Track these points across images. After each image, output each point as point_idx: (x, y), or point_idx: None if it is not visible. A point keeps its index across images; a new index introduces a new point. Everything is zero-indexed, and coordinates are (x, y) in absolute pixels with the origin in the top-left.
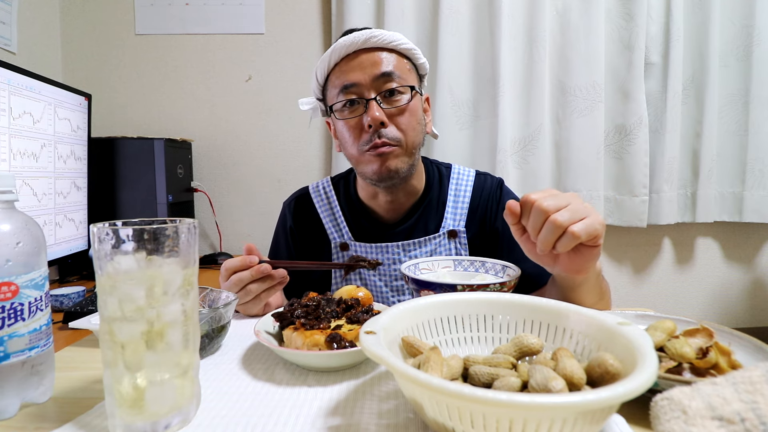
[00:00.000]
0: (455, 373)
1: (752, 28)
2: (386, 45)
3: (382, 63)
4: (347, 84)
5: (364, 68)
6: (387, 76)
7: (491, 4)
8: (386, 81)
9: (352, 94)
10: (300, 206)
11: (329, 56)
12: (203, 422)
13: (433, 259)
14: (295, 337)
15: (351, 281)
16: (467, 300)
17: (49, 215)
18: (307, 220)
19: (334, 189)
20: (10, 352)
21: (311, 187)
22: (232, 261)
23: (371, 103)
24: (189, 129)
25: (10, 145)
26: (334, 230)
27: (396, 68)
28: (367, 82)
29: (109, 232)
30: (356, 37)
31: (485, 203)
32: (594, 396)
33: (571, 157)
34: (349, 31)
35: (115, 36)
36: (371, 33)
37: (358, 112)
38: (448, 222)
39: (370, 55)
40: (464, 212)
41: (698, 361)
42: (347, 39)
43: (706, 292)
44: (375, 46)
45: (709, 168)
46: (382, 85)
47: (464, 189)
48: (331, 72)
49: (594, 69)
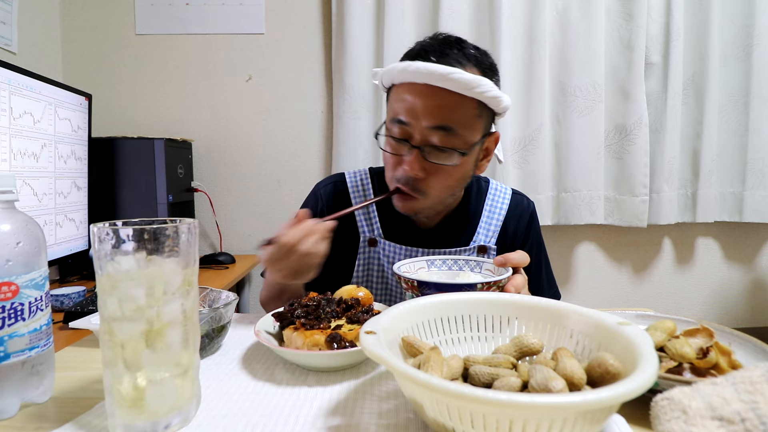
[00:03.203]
0: (455, 373)
1: (752, 28)
2: (463, 90)
3: (446, 112)
4: (401, 119)
5: (425, 110)
6: (444, 130)
7: (491, 4)
8: (440, 136)
9: (401, 132)
10: (336, 192)
11: (398, 72)
12: (203, 422)
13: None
14: (295, 337)
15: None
16: (467, 300)
17: (50, 215)
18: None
19: (371, 180)
20: (10, 352)
21: (348, 175)
22: (293, 233)
23: (415, 153)
24: (189, 129)
25: (10, 145)
26: (365, 224)
27: (459, 123)
28: (419, 128)
29: (109, 232)
30: (435, 70)
31: (516, 224)
32: (594, 396)
33: (571, 157)
34: (432, 42)
35: (116, 36)
36: (452, 73)
37: (401, 151)
38: (480, 237)
39: (439, 97)
40: (497, 229)
41: (698, 361)
42: (425, 67)
43: (706, 292)
44: (451, 88)
45: (710, 168)
46: (433, 137)
47: (500, 206)
48: (395, 85)
49: (594, 69)
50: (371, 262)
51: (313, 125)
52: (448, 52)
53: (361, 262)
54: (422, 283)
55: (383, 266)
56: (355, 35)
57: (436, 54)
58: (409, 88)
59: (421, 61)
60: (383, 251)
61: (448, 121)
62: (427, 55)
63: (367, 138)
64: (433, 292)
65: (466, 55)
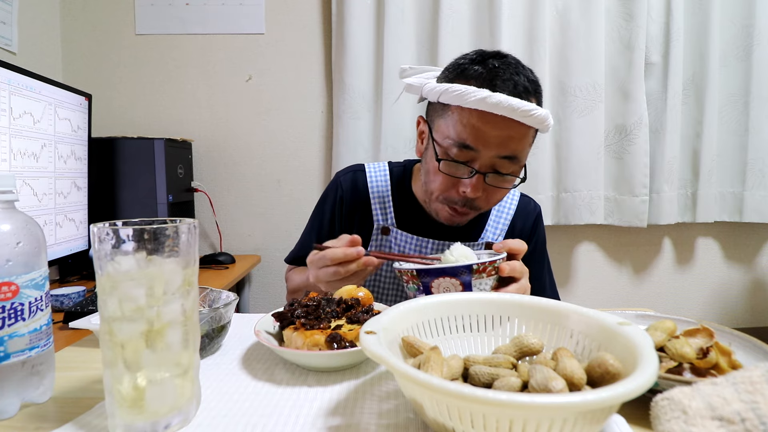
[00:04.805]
0: (455, 373)
1: (752, 28)
2: (536, 125)
3: (515, 144)
4: (468, 145)
5: (498, 142)
6: (511, 159)
7: (491, 4)
8: (506, 164)
9: (465, 156)
10: (355, 181)
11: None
12: (203, 422)
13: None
14: (295, 337)
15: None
16: (467, 300)
17: (50, 215)
18: (356, 196)
19: (389, 174)
20: (10, 352)
21: (368, 167)
22: (337, 252)
23: (478, 178)
24: (189, 129)
25: (10, 145)
26: (380, 212)
27: (521, 152)
28: (487, 156)
29: (109, 232)
30: (517, 107)
31: (523, 224)
32: (594, 396)
33: (571, 157)
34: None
35: (116, 36)
36: (532, 111)
37: (460, 173)
38: (488, 234)
39: (510, 128)
40: (505, 228)
41: (698, 361)
42: (507, 102)
43: (706, 292)
44: (529, 124)
45: (710, 168)
46: (498, 165)
47: (508, 207)
48: (460, 107)
49: (594, 69)
50: (382, 251)
51: (313, 125)
52: (516, 80)
53: (373, 249)
54: (421, 272)
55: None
56: (355, 35)
57: (507, 84)
58: (481, 116)
59: (501, 94)
60: (395, 240)
61: (516, 152)
62: (503, 85)
63: (367, 138)
64: (432, 279)
65: (530, 84)
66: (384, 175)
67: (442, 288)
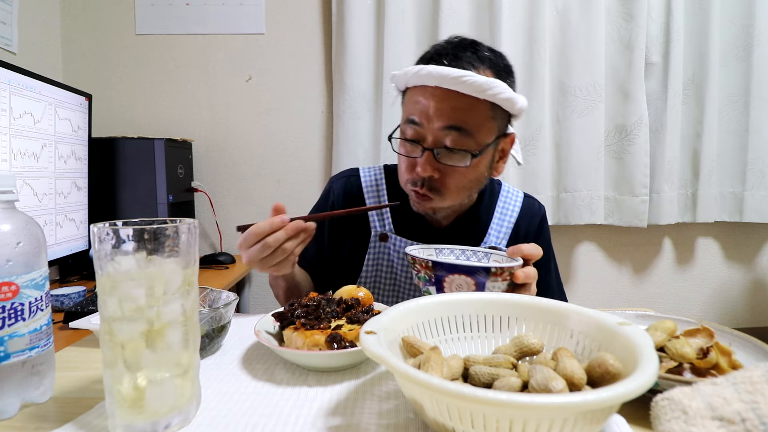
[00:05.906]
0: (455, 373)
1: (752, 28)
2: (476, 92)
3: (457, 113)
4: (414, 119)
5: (437, 112)
6: (456, 130)
7: (491, 4)
8: (452, 137)
9: (413, 133)
10: (349, 187)
11: (412, 75)
12: (203, 422)
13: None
14: (295, 337)
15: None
16: (467, 300)
17: (50, 215)
18: (350, 203)
19: (385, 178)
20: (10, 352)
21: (363, 171)
22: (262, 225)
23: (426, 155)
24: (189, 129)
25: (10, 145)
26: (377, 219)
27: (471, 124)
28: (431, 129)
29: (109, 232)
30: (447, 74)
31: (527, 226)
32: (594, 396)
33: (571, 157)
34: (446, 45)
35: (116, 36)
36: (463, 75)
37: (414, 153)
38: (490, 238)
39: (451, 99)
40: (508, 231)
41: (699, 361)
42: (437, 70)
43: (706, 292)
44: (463, 91)
45: (710, 168)
46: (445, 138)
47: (511, 209)
48: (409, 88)
49: (594, 69)
50: (381, 258)
51: (313, 125)
52: (461, 55)
53: (371, 257)
54: (437, 264)
55: (393, 262)
56: (355, 35)
57: (449, 57)
58: (422, 91)
59: (434, 65)
60: (393, 247)
61: (460, 122)
62: (441, 59)
63: (367, 138)
64: (446, 273)
65: (479, 58)
66: (380, 180)
67: (455, 285)
